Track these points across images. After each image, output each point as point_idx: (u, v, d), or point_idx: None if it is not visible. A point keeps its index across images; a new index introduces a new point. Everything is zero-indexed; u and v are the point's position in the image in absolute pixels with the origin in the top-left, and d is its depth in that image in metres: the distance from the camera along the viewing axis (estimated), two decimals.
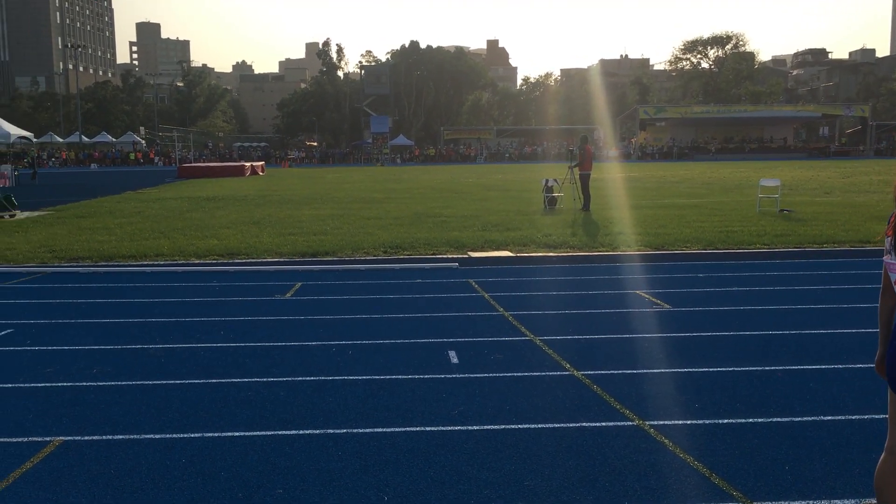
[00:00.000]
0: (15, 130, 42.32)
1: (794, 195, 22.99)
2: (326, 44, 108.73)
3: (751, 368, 6.01)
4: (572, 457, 4.32)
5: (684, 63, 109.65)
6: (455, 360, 6.30)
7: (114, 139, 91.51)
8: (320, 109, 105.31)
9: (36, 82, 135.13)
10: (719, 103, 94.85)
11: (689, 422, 4.85)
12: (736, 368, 6.01)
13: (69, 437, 4.65)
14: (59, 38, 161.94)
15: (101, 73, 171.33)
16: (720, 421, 4.86)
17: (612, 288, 9.65)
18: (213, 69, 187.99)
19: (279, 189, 31.47)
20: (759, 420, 4.87)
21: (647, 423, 4.83)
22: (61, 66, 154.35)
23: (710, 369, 6.00)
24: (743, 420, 4.87)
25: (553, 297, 9.11)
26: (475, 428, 4.78)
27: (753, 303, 8.59)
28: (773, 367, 6.02)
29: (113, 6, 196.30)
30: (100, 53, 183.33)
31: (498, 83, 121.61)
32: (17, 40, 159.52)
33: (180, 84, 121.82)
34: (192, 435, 4.69)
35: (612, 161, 72.94)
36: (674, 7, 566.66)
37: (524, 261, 11.69)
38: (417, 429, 4.77)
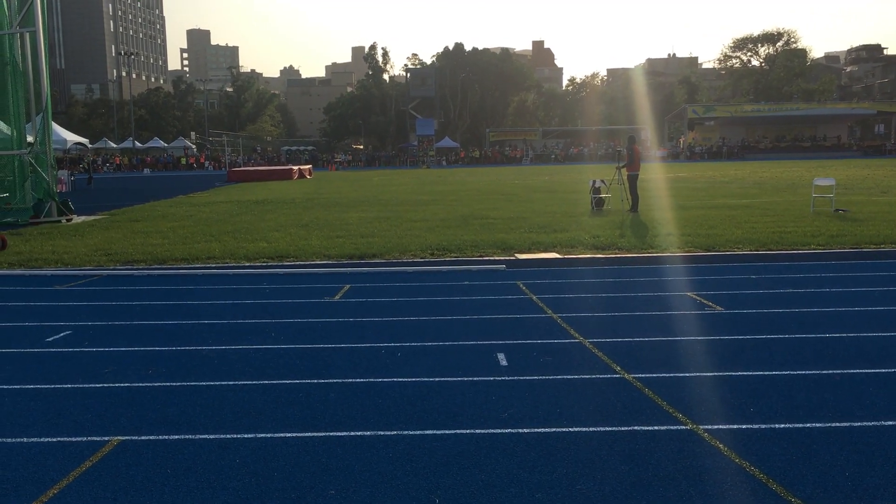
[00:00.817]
0: (71, 137, 43.55)
1: (850, 194, 22.43)
2: (373, 47, 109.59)
3: (807, 372, 5.88)
4: (624, 461, 4.27)
5: (734, 61, 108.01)
6: (504, 363, 6.28)
7: (165, 144, 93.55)
8: (366, 113, 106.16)
9: (91, 90, 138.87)
10: (770, 101, 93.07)
11: (744, 426, 4.76)
12: (792, 372, 5.88)
13: (127, 437, 4.75)
14: (113, 47, 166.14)
15: (153, 79, 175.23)
16: (776, 426, 4.76)
17: (662, 290, 9.52)
18: (261, 74, 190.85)
19: (326, 192, 31.78)
20: (818, 425, 4.76)
21: (701, 427, 4.75)
22: (115, 74, 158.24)
23: (765, 373, 5.88)
24: (801, 425, 4.76)
25: (602, 299, 9.03)
26: (526, 431, 4.75)
27: (808, 305, 8.40)
28: (830, 371, 5.88)
29: (164, 14, 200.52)
30: (152, 60, 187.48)
31: (543, 84, 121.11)
32: (73, 49, 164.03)
33: (230, 89, 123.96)
34: (246, 435, 4.75)
35: (659, 161, 72.10)
36: (723, 5, 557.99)
37: (572, 262, 11.61)
38: (468, 431, 4.76)
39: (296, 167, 53.61)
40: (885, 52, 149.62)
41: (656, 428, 4.76)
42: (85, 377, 6.08)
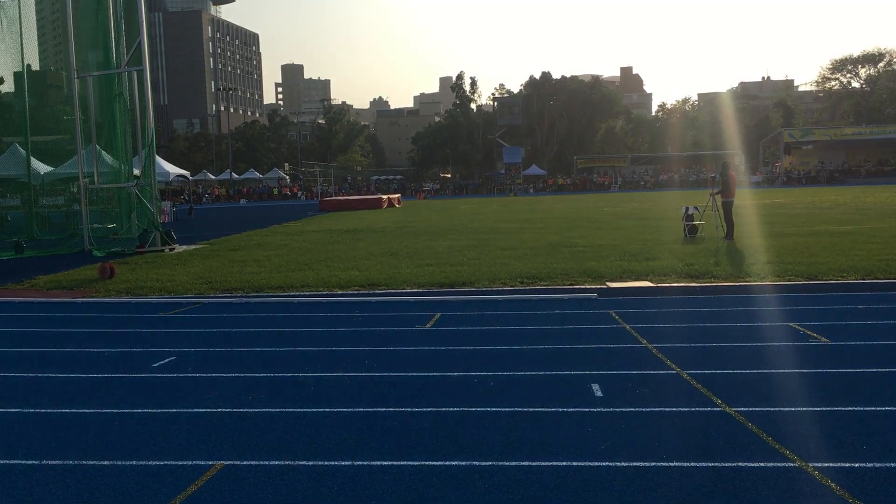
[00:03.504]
0: (173, 169, 45.50)
1: None
2: (460, 77, 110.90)
3: None
4: (729, 499, 4.11)
5: (832, 83, 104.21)
6: (599, 394, 6.18)
7: (261, 175, 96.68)
8: (454, 142, 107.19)
9: (192, 124, 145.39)
10: (872, 124, 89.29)
11: (857, 465, 4.53)
12: None
13: (230, 462, 4.88)
14: (213, 83, 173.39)
15: (249, 113, 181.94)
16: (892, 464, 4.51)
17: (762, 320, 9.19)
18: (351, 106, 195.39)
19: (415, 220, 32.14)
20: None
21: (811, 464, 4.55)
22: (214, 109, 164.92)
23: (878, 408, 5.59)
24: None
25: (698, 328, 8.79)
26: (624, 464, 4.65)
27: None
28: None
29: (261, 51, 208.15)
30: (248, 95, 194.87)
31: (632, 110, 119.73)
32: (176, 86, 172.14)
33: (321, 121, 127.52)
34: (343, 463, 4.81)
35: (755, 187, 70.04)
36: (819, 26, 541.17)
37: (666, 291, 11.35)
38: (564, 463, 4.69)
39: (385, 196, 54.51)
40: None
41: (762, 465, 4.58)
42: (189, 402, 6.29)
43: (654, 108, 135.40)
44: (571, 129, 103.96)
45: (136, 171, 21.78)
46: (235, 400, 6.31)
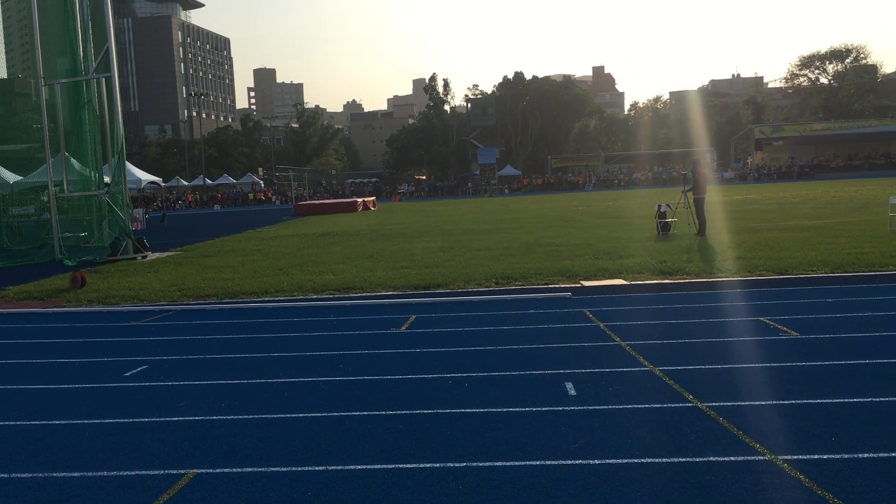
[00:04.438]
0: (145, 176, 45.09)
1: None
2: (433, 79, 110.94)
3: (890, 399, 5.64)
4: (701, 493, 4.16)
5: (801, 79, 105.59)
6: (573, 392, 6.21)
7: (234, 181, 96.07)
8: (428, 143, 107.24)
9: (163, 130, 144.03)
10: (841, 119, 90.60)
11: (825, 456, 4.59)
12: (874, 399, 5.66)
13: (202, 470, 4.84)
14: (184, 88, 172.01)
15: (222, 118, 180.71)
16: (860, 455, 4.58)
17: (734, 315, 9.29)
18: (325, 109, 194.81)
19: (390, 223, 32.10)
20: None
21: (780, 457, 4.60)
22: (186, 114, 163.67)
23: (846, 400, 5.67)
24: (885, 454, 4.57)
25: (671, 325, 8.86)
26: (597, 462, 4.68)
27: (889, 328, 8.09)
28: None
29: (232, 55, 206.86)
30: (221, 100, 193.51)
31: (605, 109, 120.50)
32: (146, 92, 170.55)
33: (295, 125, 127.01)
34: (317, 468, 4.79)
35: (726, 183, 70.76)
36: (787, 23, 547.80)
37: (639, 289, 11.44)
38: (537, 463, 4.71)
39: (360, 199, 54.38)
40: None
41: (733, 459, 4.63)
42: (161, 411, 6.24)
43: (627, 106, 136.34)
44: (545, 129, 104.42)
45: (107, 179, 21.53)
46: (208, 407, 6.26)
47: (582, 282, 11.94)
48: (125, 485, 4.66)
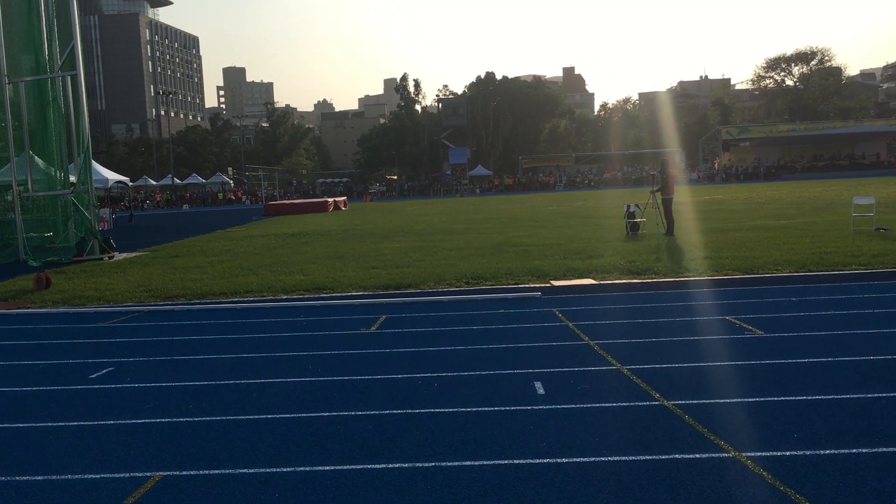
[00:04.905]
0: (112, 175, 44.56)
1: (891, 213, 22.01)
2: (404, 79, 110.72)
3: (852, 396, 5.75)
4: (666, 490, 4.21)
5: (767, 81, 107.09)
6: (541, 391, 6.25)
7: (204, 180, 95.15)
8: (399, 143, 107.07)
9: (131, 129, 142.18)
10: (806, 121, 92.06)
11: (788, 453, 4.67)
12: (836, 396, 5.77)
13: (169, 472, 4.80)
14: (152, 87, 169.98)
15: (191, 117, 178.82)
16: (821, 452, 4.66)
17: (701, 314, 9.40)
18: (295, 109, 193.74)
19: (361, 223, 32.02)
20: (864, 450, 4.65)
21: (744, 454, 4.67)
22: (154, 113, 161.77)
23: (809, 397, 5.77)
24: (846, 451, 4.66)
25: (639, 324, 8.95)
26: (565, 460, 4.71)
27: (851, 327, 8.24)
28: (875, 395, 5.75)
29: (201, 53, 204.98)
30: (189, 99, 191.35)
31: (575, 110, 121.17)
32: (113, 90, 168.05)
33: (265, 125, 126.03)
34: (285, 469, 4.77)
35: (694, 184, 71.53)
36: (754, 25, 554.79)
37: (608, 288, 11.53)
38: (506, 462, 4.73)
39: (331, 199, 54.15)
40: None
41: (698, 456, 4.69)
42: (127, 413, 6.17)
43: (597, 107, 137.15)
44: (516, 130, 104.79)
45: (73, 178, 21.22)
46: (175, 409, 6.20)
47: (552, 281, 12.01)
48: (90, 488, 4.60)
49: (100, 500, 4.42)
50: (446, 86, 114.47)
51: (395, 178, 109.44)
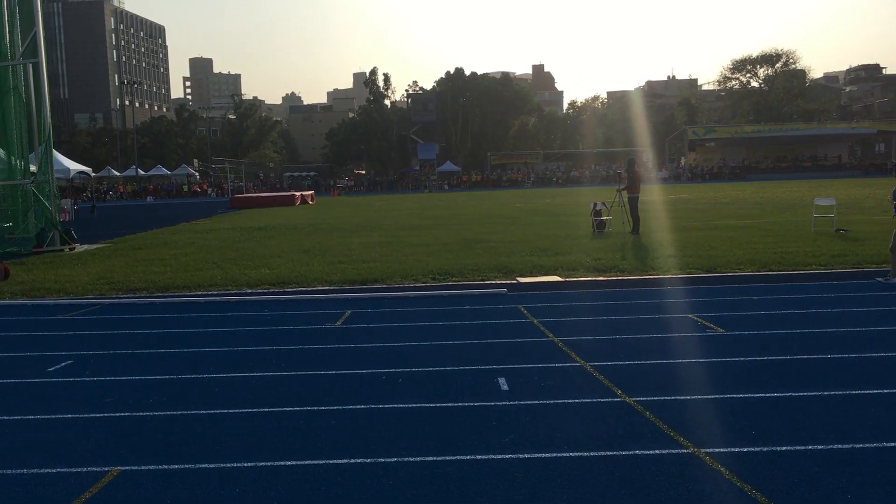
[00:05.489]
0: (74, 166, 43.72)
1: (851, 214, 22.44)
2: (373, 73, 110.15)
3: (809, 393, 5.86)
4: (626, 486, 4.25)
5: (733, 82, 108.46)
6: (505, 388, 6.27)
7: (169, 172, 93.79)
8: (368, 138, 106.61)
9: (94, 119, 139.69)
10: (770, 122, 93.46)
11: (745, 449, 4.74)
12: (794, 394, 5.87)
13: (127, 467, 4.74)
14: (116, 76, 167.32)
15: (156, 108, 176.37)
16: (778, 448, 4.74)
17: (664, 312, 9.51)
18: (263, 101, 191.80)
19: (328, 217, 31.86)
20: (819, 447, 4.74)
21: (703, 450, 4.73)
22: (118, 103, 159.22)
23: (767, 395, 5.86)
24: (802, 447, 4.74)
25: (603, 322, 9.02)
26: (527, 456, 4.74)
27: (811, 326, 8.39)
28: (832, 392, 5.86)
29: (167, 43, 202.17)
30: (155, 89, 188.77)
31: (544, 108, 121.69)
32: (76, 78, 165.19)
33: (232, 117, 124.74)
34: (246, 464, 4.73)
35: (660, 183, 72.25)
36: (721, 27, 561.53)
37: (573, 285, 11.61)
38: (469, 457, 4.74)
39: (298, 193, 53.74)
40: (883, 71, 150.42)
41: (658, 452, 4.74)
42: (86, 407, 6.08)
43: (566, 105, 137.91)
44: (485, 126, 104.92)
45: (33, 168, 20.82)
46: (135, 403, 6.12)
47: (518, 278, 12.06)
48: (46, 483, 4.53)
49: (56, 494, 4.35)
50: (416, 81, 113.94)
51: (364, 172, 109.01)
